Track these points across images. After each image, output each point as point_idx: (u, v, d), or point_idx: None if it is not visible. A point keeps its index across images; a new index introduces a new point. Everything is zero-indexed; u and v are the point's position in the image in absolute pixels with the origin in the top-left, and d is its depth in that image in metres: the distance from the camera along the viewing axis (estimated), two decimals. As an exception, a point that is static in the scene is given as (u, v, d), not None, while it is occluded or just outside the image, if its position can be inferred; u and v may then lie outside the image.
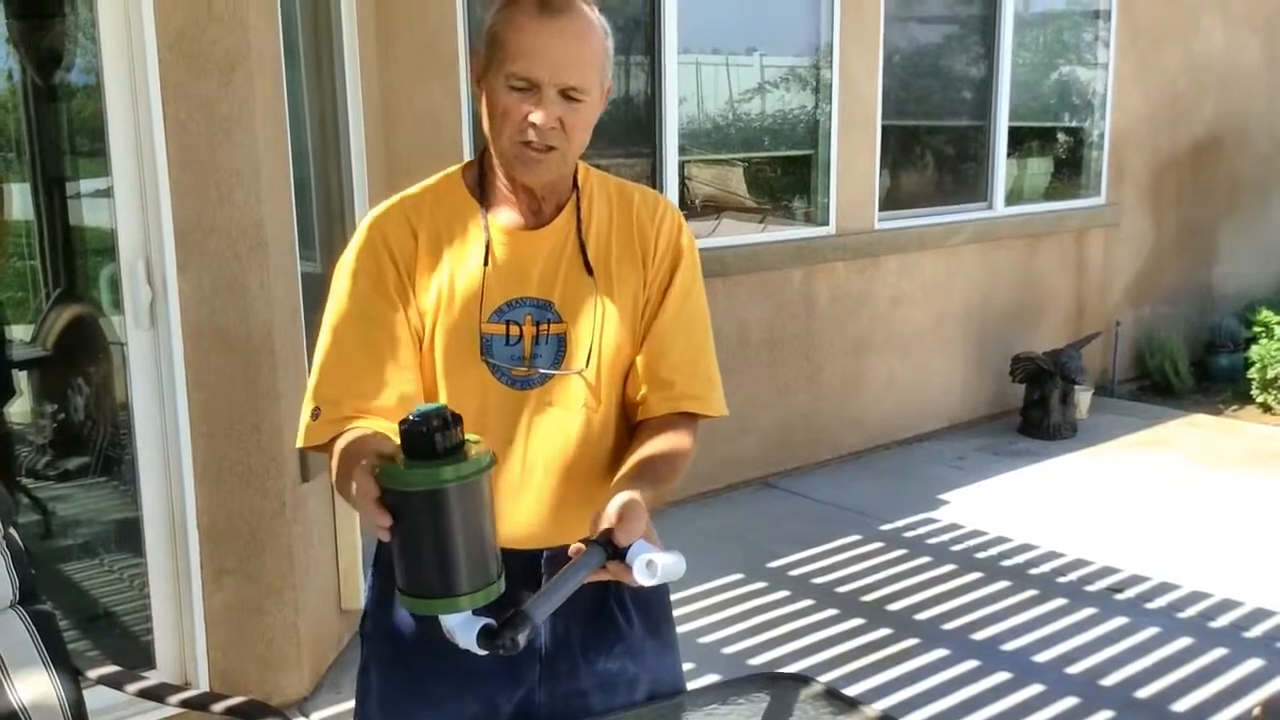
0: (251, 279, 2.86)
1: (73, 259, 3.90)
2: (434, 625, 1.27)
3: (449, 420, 1.18)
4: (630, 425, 1.59)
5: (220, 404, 2.90)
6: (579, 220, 1.55)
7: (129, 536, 3.09)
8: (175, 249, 2.80)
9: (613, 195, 1.60)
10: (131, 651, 3.05)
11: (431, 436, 1.17)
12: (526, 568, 1.53)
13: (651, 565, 1.26)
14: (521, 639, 1.19)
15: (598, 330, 1.53)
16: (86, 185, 3.64)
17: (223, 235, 2.82)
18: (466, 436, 1.21)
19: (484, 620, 1.22)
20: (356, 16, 3.66)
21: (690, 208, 5.07)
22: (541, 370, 1.52)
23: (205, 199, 2.80)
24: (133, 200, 2.79)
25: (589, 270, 1.54)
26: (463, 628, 1.22)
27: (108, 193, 2.83)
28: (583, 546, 1.29)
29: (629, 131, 4.72)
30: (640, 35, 4.64)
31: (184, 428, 2.87)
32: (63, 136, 3.78)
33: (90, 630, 3.26)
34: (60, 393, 3.83)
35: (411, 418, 1.18)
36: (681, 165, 4.85)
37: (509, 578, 1.26)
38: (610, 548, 1.28)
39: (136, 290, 2.82)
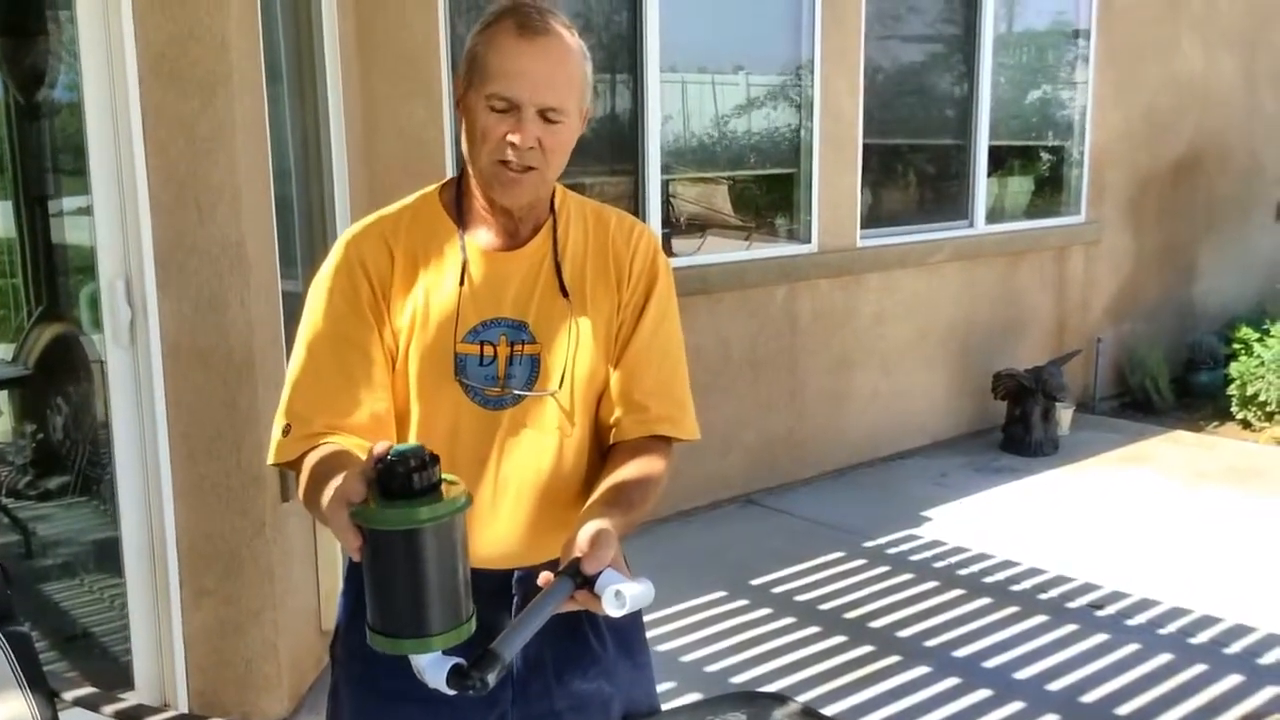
0: (232, 298, 2.85)
1: (54, 277, 3.90)
2: None
3: (426, 460, 1.18)
4: (603, 448, 1.59)
5: (200, 423, 2.89)
6: (555, 242, 1.56)
7: (108, 556, 3.08)
8: (155, 268, 2.80)
9: (589, 218, 1.61)
10: (110, 672, 3.03)
11: (409, 476, 1.17)
12: (498, 588, 1.54)
13: (620, 595, 1.26)
14: (491, 678, 1.19)
15: (571, 352, 1.53)
16: (69, 203, 3.64)
17: (203, 254, 2.82)
18: (443, 476, 1.21)
19: (454, 660, 1.21)
20: (338, 35, 3.67)
21: (674, 225, 5.10)
22: (515, 391, 1.52)
23: (186, 218, 2.80)
24: (113, 219, 2.79)
25: (564, 292, 1.54)
26: (432, 667, 1.22)
27: (89, 210, 2.83)
28: (551, 577, 1.28)
29: (612, 150, 4.74)
30: (623, 54, 4.67)
31: (163, 447, 2.87)
32: (45, 154, 3.79)
33: (69, 651, 3.24)
34: (40, 411, 3.82)
35: (390, 457, 1.17)
36: (665, 183, 4.86)
37: (480, 598, 1.26)
38: (579, 577, 1.28)
39: (116, 309, 2.82)
